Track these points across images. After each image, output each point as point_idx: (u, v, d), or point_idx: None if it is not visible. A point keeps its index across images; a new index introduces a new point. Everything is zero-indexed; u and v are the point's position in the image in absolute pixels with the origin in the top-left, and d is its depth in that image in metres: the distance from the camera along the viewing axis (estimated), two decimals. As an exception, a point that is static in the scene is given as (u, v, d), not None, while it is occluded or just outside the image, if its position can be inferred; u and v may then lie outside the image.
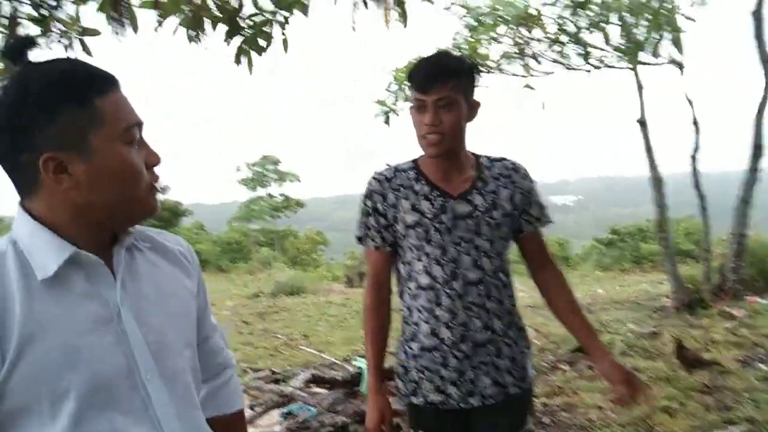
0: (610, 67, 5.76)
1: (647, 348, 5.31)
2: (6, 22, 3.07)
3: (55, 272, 0.91)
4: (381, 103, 5.93)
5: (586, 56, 5.54)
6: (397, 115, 5.94)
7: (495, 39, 5.81)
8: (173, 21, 3.52)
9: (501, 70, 6.05)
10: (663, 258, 7.86)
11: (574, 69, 5.82)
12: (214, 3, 3.64)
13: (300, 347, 6.69)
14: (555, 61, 5.82)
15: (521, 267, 1.97)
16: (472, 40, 5.02)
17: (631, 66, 5.50)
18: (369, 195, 1.78)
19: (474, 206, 1.73)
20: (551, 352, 5.61)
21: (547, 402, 4.18)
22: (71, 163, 0.92)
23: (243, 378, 5.17)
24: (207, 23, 3.58)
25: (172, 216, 28.15)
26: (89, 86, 0.94)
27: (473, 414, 1.77)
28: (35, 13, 3.05)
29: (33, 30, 3.26)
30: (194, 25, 3.59)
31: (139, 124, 0.98)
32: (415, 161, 1.82)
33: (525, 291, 10.37)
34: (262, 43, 3.80)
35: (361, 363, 4.53)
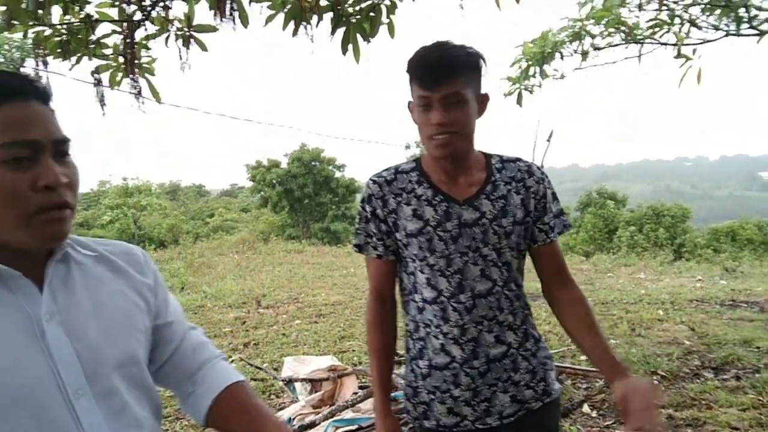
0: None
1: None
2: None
3: None
4: (514, 80, 5.61)
5: (750, 20, 4.80)
6: (531, 92, 5.59)
7: (641, 6, 5.25)
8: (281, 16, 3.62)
9: (656, 40, 5.45)
10: None
11: (737, 35, 5.07)
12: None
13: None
14: (715, 27, 5.12)
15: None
16: (602, 8, 4.54)
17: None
18: (368, 199, 1.64)
19: (481, 213, 1.58)
20: (699, 355, 5.01)
21: (674, 414, 3.74)
22: None
23: (363, 360, 5.27)
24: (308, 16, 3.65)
25: (346, 192, 29.46)
26: None
27: None
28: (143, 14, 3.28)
29: (151, 29, 3.56)
30: (299, 17, 3.66)
31: (28, 142, 0.91)
32: (417, 161, 1.68)
33: (703, 280, 9.44)
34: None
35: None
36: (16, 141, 0.90)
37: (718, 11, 4.94)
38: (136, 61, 3.52)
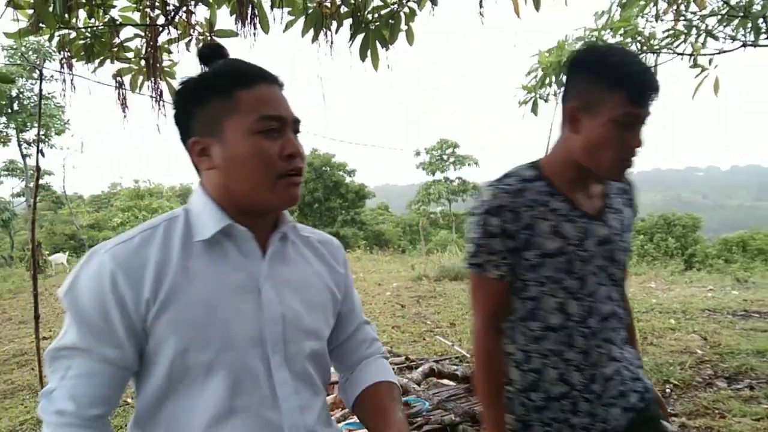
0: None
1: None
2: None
3: (211, 238, 1.08)
4: (529, 89, 5.63)
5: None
6: (546, 101, 5.60)
7: (657, 16, 5.26)
8: (301, 22, 3.66)
9: (672, 50, 5.46)
10: None
11: (755, 45, 5.07)
12: (339, -2, 3.70)
13: (437, 336, 6.68)
14: (732, 37, 5.12)
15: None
16: (620, 19, 4.56)
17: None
18: (496, 211, 1.39)
19: (610, 228, 1.45)
20: (711, 364, 4.99)
21: (686, 423, 3.74)
22: (211, 147, 1.09)
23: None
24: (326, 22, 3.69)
25: (356, 197, 29.52)
26: (234, 80, 1.08)
27: None
28: (167, 18, 3.33)
29: (173, 33, 3.61)
30: (319, 23, 3.70)
31: (278, 117, 1.08)
32: (536, 167, 1.47)
33: (714, 290, 9.40)
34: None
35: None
36: (268, 115, 1.07)
37: (735, 21, 4.95)
38: (158, 65, 3.56)
